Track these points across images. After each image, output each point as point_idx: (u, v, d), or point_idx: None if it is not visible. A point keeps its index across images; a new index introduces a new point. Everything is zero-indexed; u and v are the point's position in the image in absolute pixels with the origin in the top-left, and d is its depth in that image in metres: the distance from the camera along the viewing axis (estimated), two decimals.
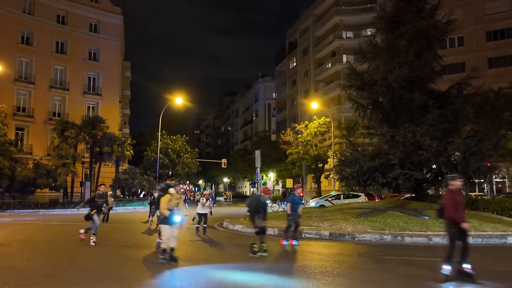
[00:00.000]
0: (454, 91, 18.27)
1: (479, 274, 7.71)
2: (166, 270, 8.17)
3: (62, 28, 45.05)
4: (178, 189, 9.14)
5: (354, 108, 20.27)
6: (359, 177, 17.09)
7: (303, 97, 60.00)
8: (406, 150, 16.15)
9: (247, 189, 77.04)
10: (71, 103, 44.80)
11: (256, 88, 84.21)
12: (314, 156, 43.84)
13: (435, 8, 18.43)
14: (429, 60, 17.64)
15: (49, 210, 31.66)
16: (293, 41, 67.15)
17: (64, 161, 34.89)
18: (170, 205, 8.73)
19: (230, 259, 10.08)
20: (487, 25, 42.47)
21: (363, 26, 49.62)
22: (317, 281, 7.24)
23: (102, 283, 7.19)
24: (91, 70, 47.13)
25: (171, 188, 9.08)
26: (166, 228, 8.72)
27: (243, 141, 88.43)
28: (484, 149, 15.90)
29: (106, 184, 40.37)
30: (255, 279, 7.52)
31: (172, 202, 8.77)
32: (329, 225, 15.00)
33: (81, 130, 37.53)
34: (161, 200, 8.88)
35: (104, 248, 11.75)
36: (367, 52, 19.51)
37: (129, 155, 42.01)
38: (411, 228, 13.78)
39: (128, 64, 61.73)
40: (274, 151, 55.00)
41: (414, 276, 7.77)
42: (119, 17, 50.14)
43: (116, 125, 46.63)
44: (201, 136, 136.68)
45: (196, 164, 57.59)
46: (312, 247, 11.66)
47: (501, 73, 40.04)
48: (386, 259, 9.58)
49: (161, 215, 8.86)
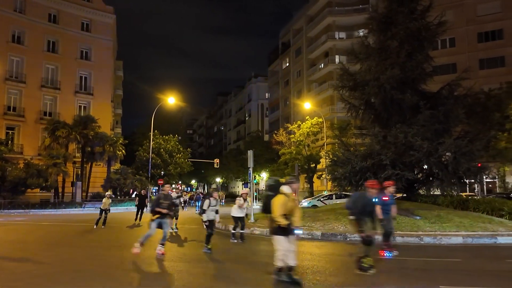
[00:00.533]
0: (445, 92, 18.41)
1: (470, 274, 7.79)
2: (157, 271, 8.15)
3: (53, 27, 44.71)
4: (295, 188, 6.87)
5: (346, 108, 20.36)
6: (351, 177, 17.14)
7: (296, 97, 60.12)
8: (397, 150, 16.24)
9: (239, 189, 76.99)
10: (62, 102, 44.47)
11: (249, 88, 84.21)
12: (306, 156, 43.94)
13: (427, 9, 18.56)
14: (420, 61, 17.76)
15: (40, 210, 31.43)
16: (286, 42, 67.25)
17: (55, 161, 34.66)
18: (286, 209, 6.54)
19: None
20: (478, 27, 42.86)
21: (356, 27, 49.85)
22: (309, 281, 7.25)
23: (94, 284, 7.15)
24: (83, 69, 46.83)
25: (285, 186, 6.77)
26: (282, 240, 6.60)
27: (236, 141, 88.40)
28: (475, 149, 16.04)
29: (98, 184, 40.57)
30: (248, 277, 7.52)
31: (288, 205, 6.60)
32: (321, 225, 15.05)
33: (73, 129, 37.29)
34: (273, 203, 6.57)
35: (95, 249, 11.70)
36: (360, 53, 19.60)
37: (121, 155, 41.83)
38: (402, 228, 13.85)
39: (121, 64, 61.44)
40: (267, 151, 55.04)
41: (405, 276, 7.81)
42: (111, 16, 49.88)
43: (108, 124, 46.40)
44: (194, 136, 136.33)
45: (188, 164, 57.44)
46: (304, 247, 11.67)
47: (492, 74, 40.43)
48: (378, 259, 9.62)
49: (274, 223, 6.61)
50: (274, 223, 6.58)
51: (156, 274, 7.87)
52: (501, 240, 12.36)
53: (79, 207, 33.83)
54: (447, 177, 16.02)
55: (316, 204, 28.19)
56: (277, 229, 6.57)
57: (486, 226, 13.88)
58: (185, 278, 7.58)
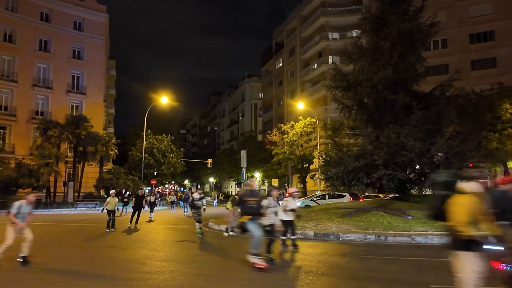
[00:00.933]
0: (437, 93, 18.53)
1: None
2: (150, 270, 8.13)
3: (45, 26, 44.37)
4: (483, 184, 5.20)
5: (339, 109, 20.42)
6: (344, 177, 17.19)
7: (290, 97, 60.20)
8: (390, 150, 16.31)
9: (232, 189, 76.95)
10: (54, 101, 44.14)
11: (242, 88, 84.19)
12: (299, 156, 44.03)
13: (419, 10, 18.67)
14: (413, 62, 17.86)
15: (31, 211, 31.12)
16: (279, 42, 67.32)
17: (47, 161, 34.41)
18: (473, 215, 4.82)
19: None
20: (470, 28, 43.20)
21: (349, 27, 50.02)
22: (301, 281, 7.27)
23: (86, 284, 7.13)
24: (75, 68, 46.51)
25: (468, 182, 5.06)
26: (471, 258, 4.87)
27: (229, 141, 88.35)
28: (466, 150, 16.15)
29: (90, 184, 40.33)
30: (240, 277, 7.52)
31: (476, 209, 4.85)
32: (314, 225, 15.09)
33: (65, 129, 37.04)
34: (454, 207, 4.94)
35: (88, 249, 11.65)
36: (353, 54, 19.67)
37: (113, 155, 41.63)
38: (395, 228, 13.93)
39: (113, 63, 61.11)
40: (260, 151, 55.07)
41: (397, 275, 7.85)
42: (104, 16, 49.61)
43: (100, 124, 46.15)
44: (187, 135, 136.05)
45: (181, 164, 57.31)
46: None
47: (484, 75, 40.77)
48: (369, 259, 9.67)
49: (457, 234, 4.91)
50: (456, 234, 4.94)
51: (148, 274, 7.84)
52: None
53: (71, 207, 33.63)
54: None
55: (309, 204, 28.24)
56: (463, 242, 4.87)
57: None
58: (177, 278, 7.56)
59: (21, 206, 9.17)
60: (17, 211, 9.03)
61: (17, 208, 9.07)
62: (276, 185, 41.72)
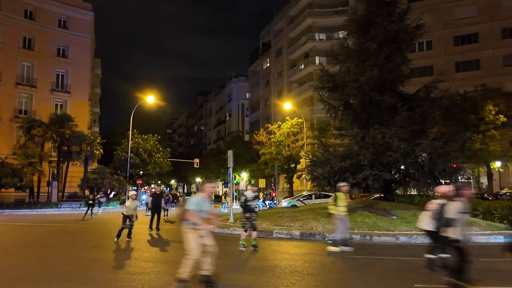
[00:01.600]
0: (422, 94, 18.74)
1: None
2: (134, 271, 8.05)
3: (30, 23, 43.66)
4: None
5: (326, 109, 20.52)
6: (330, 178, 17.28)
7: (277, 97, 60.33)
8: (375, 151, 16.45)
9: (219, 189, 76.76)
10: (38, 100, 43.46)
11: (229, 88, 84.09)
12: (286, 156, 44.15)
13: (405, 12, 18.88)
14: (398, 63, 18.04)
15: (15, 211, 30.71)
16: (267, 42, 67.41)
17: (31, 160, 33.90)
18: None
19: None
20: (455, 30, 43.83)
21: (336, 28, 50.33)
22: (287, 280, 7.28)
23: (70, 285, 7.03)
24: (60, 67, 45.88)
25: None
26: None
27: (216, 141, 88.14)
28: (450, 150, 16.37)
29: (74, 184, 39.84)
30: (227, 277, 7.50)
31: None
32: (300, 225, 15.13)
33: (49, 128, 36.54)
34: None
35: (71, 249, 11.50)
36: (339, 54, 19.79)
37: (98, 154, 41.20)
38: (380, 228, 14.05)
39: (99, 62, 60.48)
40: (247, 151, 55.06)
41: (381, 275, 7.92)
42: (89, 14, 49.06)
43: (85, 123, 45.64)
44: (173, 135, 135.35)
45: (168, 164, 56.99)
46: (282, 247, 11.72)
47: (468, 77, 41.42)
48: (354, 258, 9.74)
49: None
50: None
51: (133, 275, 7.77)
52: (475, 240, 12.65)
53: (55, 207, 33.18)
54: (423, 178, 16.30)
55: (295, 204, 28.34)
56: None
57: None
58: (162, 278, 7.51)
59: (202, 201, 6.50)
60: (198, 208, 6.39)
61: (196, 204, 6.40)
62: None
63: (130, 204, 13.72)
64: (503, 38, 41.89)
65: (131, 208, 13.52)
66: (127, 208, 13.60)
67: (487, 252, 10.75)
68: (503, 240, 12.55)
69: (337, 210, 10.89)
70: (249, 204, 11.08)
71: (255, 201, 11.55)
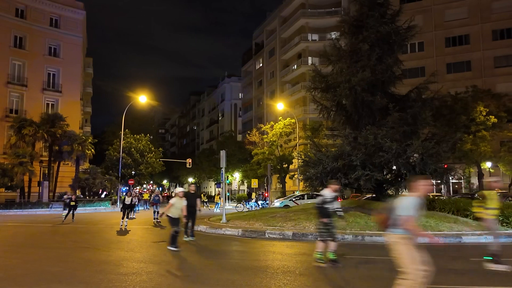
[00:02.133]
0: (413, 95, 18.86)
1: (435, 273, 7.99)
2: (126, 272, 8.02)
3: (21, 22, 43.31)
4: None
5: (318, 109, 20.58)
6: (323, 178, 17.32)
7: (269, 98, 60.39)
8: (367, 151, 16.52)
9: (212, 189, 76.68)
10: (29, 99, 43.12)
11: (222, 88, 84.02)
12: (279, 156, 44.18)
13: (397, 13, 18.99)
14: (390, 64, 18.14)
15: (5, 211, 30.42)
16: (259, 42, 67.46)
17: (21, 160, 33.62)
18: None
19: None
20: (446, 31, 44.19)
21: (328, 29, 50.51)
22: (279, 281, 7.30)
23: (60, 286, 6.98)
24: (51, 66, 45.55)
25: None
26: None
27: (209, 141, 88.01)
28: (441, 151, 16.48)
29: (65, 184, 39.55)
30: (219, 277, 7.50)
31: None
32: (292, 225, 15.15)
33: (40, 128, 36.26)
34: None
35: (63, 250, 11.43)
36: (331, 55, 19.86)
37: (90, 154, 40.95)
38: (371, 228, 14.11)
39: (90, 61, 60.11)
40: (240, 151, 55.04)
41: (373, 275, 7.96)
42: (81, 12, 48.75)
43: (76, 123, 45.32)
44: (166, 135, 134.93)
45: (160, 164, 56.81)
46: (275, 247, 11.74)
47: (459, 78, 41.78)
48: (346, 258, 9.76)
49: None
50: None
51: (125, 275, 7.73)
52: (465, 240, 12.76)
53: (46, 208, 32.92)
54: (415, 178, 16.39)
55: (288, 204, 28.37)
56: None
57: (452, 225, 14.30)
58: (154, 279, 7.49)
59: (416, 204, 5.25)
60: (415, 213, 5.19)
61: (413, 208, 5.19)
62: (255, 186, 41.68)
63: (176, 203, 11.30)
64: (494, 39, 42.31)
65: (177, 208, 11.24)
66: (173, 208, 11.23)
67: (477, 252, 10.85)
68: (493, 240, 12.66)
69: (486, 214, 8.66)
70: (327, 207, 8.89)
71: (335, 203, 9.14)
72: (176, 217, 11.18)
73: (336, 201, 9.32)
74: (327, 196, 8.94)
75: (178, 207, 11.25)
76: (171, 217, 11.16)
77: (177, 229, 10.95)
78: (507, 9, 41.78)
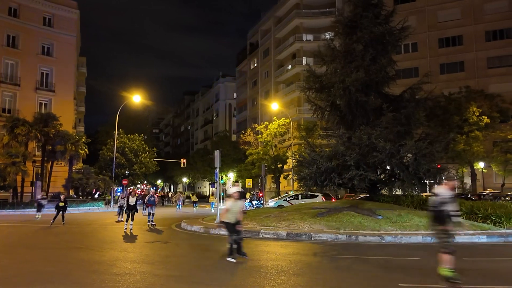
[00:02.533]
0: (407, 95, 18.97)
1: (428, 272, 8.05)
2: (119, 272, 8.00)
3: (14, 21, 42.93)
4: None
5: (312, 110, 20.63)
6: (317, 178, 17.37)
7: (264, 98, 60.41)
8: (361, 151, 16.59)
9: (206, 189, 76.59)
10: (22, 99, 42.77)
11: (217, 87, 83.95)
12: (273, 156, 44.23)
13: (390, 14, 19.08)
14: (384, 64, 18.23)
15: None
16: (254, 42, 67.46)
17: (14, 160, 33.36)
18: None
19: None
20: (439, 32, 44.45)
21: (323, 30, 50.63)
22: (273, 280, 7.30)
23: (53, 286, 6.94)
24: (44, 65, 45.22)
25: None
26: None
27: (203, 141, 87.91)
28: (434, 151, 16.59)
29: (58, 184, 39.31)
30: (213, 277, 7.49)
31: None
32: (286, 225, 15.17)
33: (33, 127, 35.99)
34: None
35: (55, 250, 11.36)
36: (326, 56, 19.92)
37: (83, 154, 40.71)
38: (365, 228, 14.16)
39: (84, 60, 59.76)
40: (234, 151, 55.04)
41: (367, 274, 7.99)
42: (75, 12, 48.45)
43: (70, 122, 45.02)
44: (160, 135, 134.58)
45: (154, 163, 56.61)
46: (269, 247, 11.75)
47: (452, 79, 42.04)
48: (340, 258, 9.80)
49: None
50: None
51: (118, 275, 7.70)
52: (458, 239, 12.79)
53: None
54: (408, 178, 16.50)
55: (282, 204, 28.38)
56: None
57: None
58: (148, 279, 7.47)
59: None
60: None
61: None
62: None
63: (232, 206, 9.79)
64: (487, 40, 42.61)
65: (234, 212, 9.72)
66: (230, 213, 9.71)
67: (470, 252, 10.94)
68: (486, 240, 12.77)
69: None
70: (445, 210, 7.14)
71: (451, 204, 7.29)
72: (233, 222, 9.63)
73: (454, 202, 7.49)
74: (445, 195, 7.27)
75: (235, 211, 9.73)
76: (227, 223, 9.69)
77: (236, 237, 9.52)
78: (499, 10, 42.12)
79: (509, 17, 41.70)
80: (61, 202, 19.86)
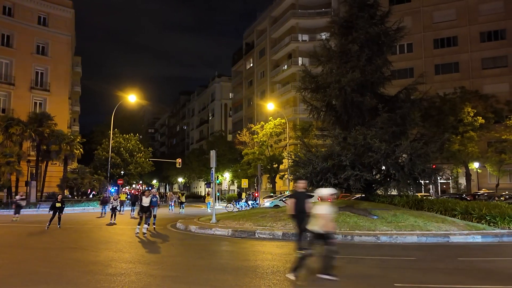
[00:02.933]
0: (402, 96, 19.04)
1: (424, 272, 8.08)
2: (115, 272, 7.97)
3: (8, 20, 42.70)
4: None
5: (308, 110, 20.66)
6: (312, 178, 17.39)
7: (260, 98, 60.42)
8: (357, 151, 16.63)
9: (202, 189, 76.47)
10: (16, 98, 42.55)
11: (212, 87, 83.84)
12: (269, 156, 44.24)
13: (386, 15, 19.14)
14: (379, 65, 18.27)
15: None
16: (250, 42, 67.45)
17: (8, 159, 33.15)
18: None
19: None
20: (434, 33, 44.66)
21: (318, 30, 50.71)
22: (269, 281, 7.30)
23: (47, 287, 6.90)
24: (39, 64, 45.01)
25: None
26: None
27: (199, 141, 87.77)
28: (430, 151, 16.65)
29: (53, 183, 39.13)
30: (208, 278, 7.48)
31: None
32: (282, 225, 15.17)
33: (27, 127, 35.80)
34: None
35: (50, 250, 11.30)
36: (322, 56, 19.95)
37: (78, 154, 40.53)
38: (360, 227, 14.19)
39: (79, 59, 59.57)
40: (230, 151, 55.00)
41: (362, 274, 8.00)
42: (70, 11, 48.26)
43: (65, 122, 44.86)
44: (155, 135, 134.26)
45: (149, 163, 56.51)
46: (265, 247, 11.74)
47: (447, 79, 42.24)
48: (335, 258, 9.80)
49: None
50: None
51: (113, 276, 7.67)
52: (453, 239, 12.89)
53: (34, 208, 32.50)
54: (403, 178, 16.56)
55: (278, 204, 28.41)
56: None
57: (440, 225, 14.44)
58: (143, 280, 7.44)
59: None
60: None
61: None
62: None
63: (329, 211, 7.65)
64: (481, 41, 42.84)
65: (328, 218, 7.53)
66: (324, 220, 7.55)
67: (465, 251, 10.98)
68: (481, 239, 12.83)
69: None
70: None
71: None
72: (321, 233, 7.62)
73: None
74: None
75: (330, 218, 7.70)
76: (315, 232, 7.72)
77: (310, 251, 7.70)
78: (494, 11, 42.36)
79: (504, 18, 41.97)
80: (57, 203, 18.26)
